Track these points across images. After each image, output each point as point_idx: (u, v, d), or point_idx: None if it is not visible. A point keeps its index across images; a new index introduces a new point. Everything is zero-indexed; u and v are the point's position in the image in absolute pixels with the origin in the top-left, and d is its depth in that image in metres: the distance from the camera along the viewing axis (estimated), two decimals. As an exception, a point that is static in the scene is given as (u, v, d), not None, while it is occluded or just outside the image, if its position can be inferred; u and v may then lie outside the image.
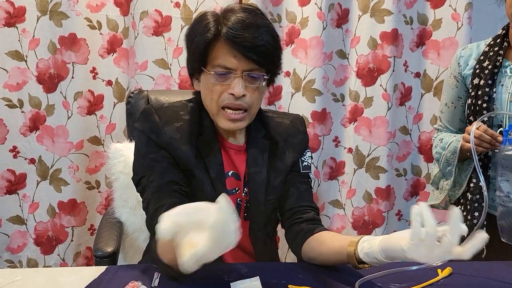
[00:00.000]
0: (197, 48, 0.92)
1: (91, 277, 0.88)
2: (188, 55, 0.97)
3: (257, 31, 0.90)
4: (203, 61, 0.93)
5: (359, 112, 2.01)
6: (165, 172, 0.95)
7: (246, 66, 0.92)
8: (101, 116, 1.92)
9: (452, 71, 1.42)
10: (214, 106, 0.95)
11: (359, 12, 1.96)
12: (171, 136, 0.96)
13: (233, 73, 0.92)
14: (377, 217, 2.05)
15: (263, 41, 0.91)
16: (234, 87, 0.92)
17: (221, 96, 0.93)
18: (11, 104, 1.83)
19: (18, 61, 1.81)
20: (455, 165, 1.35)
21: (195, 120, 1.00)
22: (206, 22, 0.93)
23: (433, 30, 1.99)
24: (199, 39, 0.92)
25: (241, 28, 0.89)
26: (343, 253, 0.84)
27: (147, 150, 0.96)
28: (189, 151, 0.96)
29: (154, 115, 0.97)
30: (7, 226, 1.90)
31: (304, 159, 1.09)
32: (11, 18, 1.78)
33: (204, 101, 0.99)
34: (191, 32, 0.96)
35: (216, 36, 0.91)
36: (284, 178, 1.06)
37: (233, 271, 0.91)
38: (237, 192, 1.03)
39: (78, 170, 1.92)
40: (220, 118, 0.96)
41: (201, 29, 0.93)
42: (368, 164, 2.04)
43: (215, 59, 0.92)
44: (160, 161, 0.95)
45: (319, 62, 1.95)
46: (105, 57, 1.88)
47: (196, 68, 0.96)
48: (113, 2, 1.85)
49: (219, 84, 0.93)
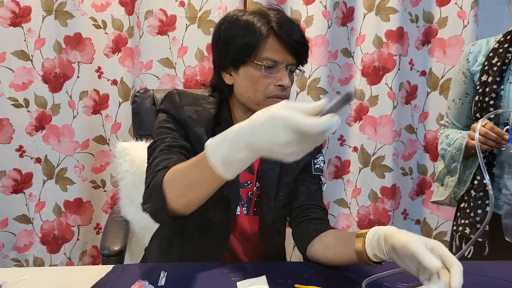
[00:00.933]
0: (246, 44, 0.96)
1: (97, 276, 0.88)
2: (225, 50, 0.99)
3: (298, 29, 0.99)
4: (249, 55, 0.96)
5: (364, 111, 2.01)
6: (179, 139, 0.98)
7: (290, 60, 0.98)
8: (107, 115, 1.93)
9: (460, 67, 1.41)
10: (259, 96, 0.98)
11: (364, 11, 1.95)
12: (189, 115, 1.01)
13: (280, 66, 0.97)
14: (382, 216, 2.05)
15: (305, 38, 0.99)
16: (282, 79, 0.97)
17: (268, 87, 0.98)
18: (17, 104, 1.84)
19: (23, 61, 1.82)
20: (460, 162, 1.35)
21: (214, 110, 1.04)
22: (250, 22, 0.96)
23: (439, 28, 1.98)
24: (250, 37, 0.95)
25: (289, 25, 0.97)
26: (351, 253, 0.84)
27: (165, 121, 1.01)
28: (203, 132, 1.00)
29: (176, 97, 1.03)
30: (14, 225, 1.91)
31: (316, 161, 1.12)
32: (16, 18, 1.79)
33: (243, 92, 1.00)
34: (230, 30, 0.98)
35: (268, 32, 0.95)
36: (296, 177, 1.08)
37: (239, 270, 0.91)
38: (249, 186, 1.06)
39: (84, 169, 1.93)
40: (266, 107, 0.98)
41: (249, 27, 0.96)
42: (373, 163, 2.03)
43: (263, 52, 0.96)
44: (175, 131, 0.99)
45: (324, 60, 1.94)
46: (110, 56, 1.89)
47: (237, 61, 0.98)
48: (118, 2, 1.86)
49: (267, 76, 0.97)
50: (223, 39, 0.99)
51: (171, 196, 0.79)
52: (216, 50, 1.03)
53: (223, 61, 1.01)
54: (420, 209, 2.12)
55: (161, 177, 0.82)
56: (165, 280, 0.86)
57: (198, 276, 0.89)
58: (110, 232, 1.33)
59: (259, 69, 0.97)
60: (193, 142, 1.00)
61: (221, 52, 1.01)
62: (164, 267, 0.90)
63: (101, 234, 1.88)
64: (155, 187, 0.82)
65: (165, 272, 0.88)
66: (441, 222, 2.08)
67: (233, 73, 1.01)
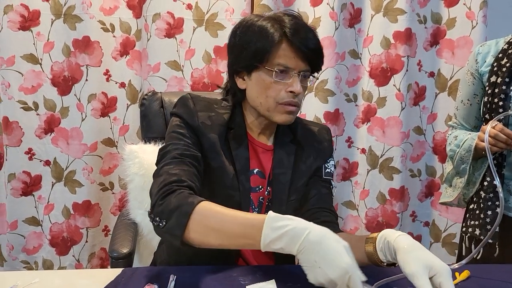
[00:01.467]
0: (259, 50, 0.96)
1: (107, 279, 0.88)
2: (239, 55, 1.00)
3: (313, 34, 0.98)
4: (261, 60, 0.97)
5: (372, 112, 2.00)
6: (190, 147, 0.98)
7: (302, 67, 0.98)
8: (115, 118, 1.94)
9: (469, 68, 1.40)
10: (271, 102, 0.99)
11: (372, 12, 1.95)
12: (203, 121, 1.01)
13: (292, 72, 0.97)
14: (391, 218, 2.03)
15: (319, 45, 0.99)
16: (294, 85, 0.97)
17: (280, 93, 0.98)
18: (27, 107, 1.85)
19: (33, 64, 1.84)
20: (469, 164, 1.34)
21: (227, 115, 1.04)
22: (263, 27, 0.97)
23: (447, 29, 1.96)
24: (263, 42, 0.95)
25: (303, 31, 0.96)
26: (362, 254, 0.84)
27: (179, 126, 1.01)
28: (216, 139, 1.00)
29: (190, 102, 1.03)
30: (23, 227, 1.93)
31: (327, 166, 1.12)
32: (25, 21, 1.81)
33: (254, 97, 1.01)
34: (245, 35, 0.99)
35: (281, 38, 0.95)
36: (307, 181, 1.08)
37: (248, 274, 0.90)
38: (260, 190, 1.06)
39: (92, 171, 1.94)
40: (277, 113, 1.00)
41: (263, 33, 0.96)
42: (381, 165, 2.02)
43: (275, 58, 0.96)
44: (188, 137, 0.99)
45: (332, 62, 1.94)
46: (118, 59, 1.90)
47: (250, 66, 0.99)
48: (126, 5, 1.87)
49: (278, 82, 0.97)
50: (238, 44, 1.00)
51: (194, 230, 0.79)
52: (231, 54, 1.04)
53: (236, 66, 1.02)
54: (429, 211, 2.11)
55: (190, 204, 0.81)
56: (174, 283, 0.86)
57: (207, 279, 0.89)
58: (119, 234, 1.33)
59: (270, 74, 0.97)
60: (206, 148, 1.00)
61: (235, 56, 1.02)
62: (173, 270, 0.90)
63: (109, 236, 1.90)
64: (180, 213, 0.80)
65: (174, 276, 0.88)
66: (450, 224, 2.07)
67: (246, 77, 1.02)
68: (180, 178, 0.88)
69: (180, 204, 0.82)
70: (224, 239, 0.78)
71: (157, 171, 0.94)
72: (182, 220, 0.80)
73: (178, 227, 0.80)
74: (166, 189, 0.86)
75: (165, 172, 0.91)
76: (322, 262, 0.70)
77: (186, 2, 1.88)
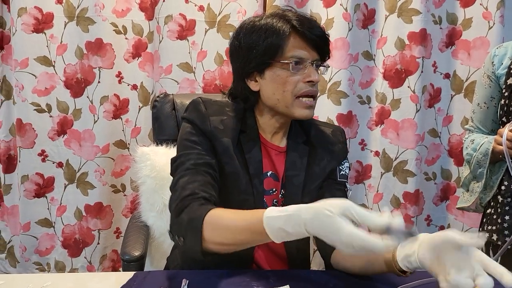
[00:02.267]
0: (270, 45, 0.95)
1: (119, 282, 0.88)
2: (248, 56, 0.99)
3: (317, 24, 0.99)
4: (274, 56, 0.96)
5: (386, 115, 1.97)
6: (204, 155, 0.97)
7: (314, 56, 0.99)
8: (127, 120, 1.94)
9: (485, 70, 1.37)
10: (289, 96, 0.98)
11: (386, 12, 1.92)
12: (215, 126, 0.99)
13: (307, 63, 0.98)
14: (405, 222, 2.00)
15: (325, 33, 0.99)
16: (311, 74, 0.97)
17: (297, 85, 0.97)
18: (40, 109, 1.86)
19: (46, 67, 1.85)
20: (486, 167, 1.32)
21: (239, 118, 1.03)
22: (269, 24, 0.96)
23: (463, 29, 1.93)
24: (273, 38, 0.95)
25: (309, 23, 0.97)
26: (380, 262, 0.82)
27: (190, 133, 1.00)
28: (229, 143, 0.99)
29: (202, 106, 1.01)
30: (36, 229, 1.93)
31: (341, 168, 1.10)
32: (39, 24, 1.82)
33: (270, 95, 1.00)
34: (250, 36, 0.98)
35: (290, 31, 0.96)
36: (321, 183, 1.07)
37: (262, 279, 0.89)
38: (274, 193, 1.04)
39: (104, 173, 1.94)
40: (296, 108, 0.99)
41: (270, 30, 0.96)
42: (395, 168, 1.99)
43: (289, 51, 0.96)
44: (201, 144, 0.98)
45: (345, 63, 1.92)
46: (130, 61, 1.90)
47: (262, 64, 0.98)
48: (138, 7, 1.87)
49: (295, 73, 0.97)
50: (244, 46, 0.99)
51: (210, 239, 0.81)
52: (237, 59, 1.02)
53: (247, 68, 1.00)
54: (445, 215, 2.07)
55: (199, 217, 0.82)
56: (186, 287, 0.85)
57: (220, 284, 0.87)
58: (130, 237, 1.33)
59: (286, 68, 0.96)
60: (220, 152, 0.99)
61: (243, 59, 1.00)
62: (186, 274, 0.89)
63: (121, 238, 1.90)
64: (192, 228, 0.82)
65: (186, 280, 0.87)
66: (466, 229, 2.03)
67: (258, 78, 1.00)
68: (193, 191, 0.89)
69: (190, 219, 0.84)
70: (237, 240, 0.79)
71: (173, 185, 0.94)
72: (196, 234, 0.81)
73: (195, 243, 0.82)
74: (179, 206, 0.87)
75: (180, 187, 0.91)
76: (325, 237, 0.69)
77: (198, 4, 1.88)
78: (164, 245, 1.39)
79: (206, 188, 0.91)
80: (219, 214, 0.83)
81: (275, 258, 1.05)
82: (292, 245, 1.03)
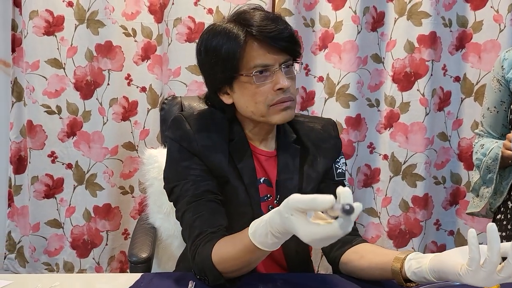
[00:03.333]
0: (228, 57, 0.90)
1: (126, 283, 0.89)
2: (212, 70, 0.95)
3: (281, 22, 0.92)
4: (236, 68, 0.91)
5: (395, 118, 1.96)
6: (200, 181, 0.94)
7: (282, 58, 0.92)
8: (135, 122, 1.95)
9: (495, 74, 1.36)
10: (262, 107, 0.93)
11: (395, 15, 1.91)
12: (203, 144, 0.95)
13: (273, 69, 0.91)
14: (414, 226, 1.99)
15: (289, 30, 0.92)
16: (279, 81, 0.91)
17: (268, 96, 0.92)
18: (50, 111, 1.88)
19: (56, 69, 1.87)
20: (496, 173, 1.30)
21: (225, 126, 0.99)
22: (227, 30, 0.91)
23: (474, 32, 1.91)
24: (228, 47, 0.90)
25: (270, 23, 0.90)
26: (387, 269, 0.82)
27: (180, 157, 0.96)
28: (221, 158, 0.96)
29: (185, 123, 0.97)
30: (45, 229, 1.95)
31: (338, 166, 1.06)
32: (50, 27, 1.84)
33: (244, 108, 0.96)
34: (212, 46, 0.93)
35: (246, 38, 0.90)
36: (317, 186, 1.03)
37: (268, 282, 0.89)
38: (269, 199, 1.02)
39: (113, 175, 1.95)
40: (272, 115, 0.94)
41: (225, 38, 0.91)
42: (404, 172, 1.97)
43: (249, 61, 0.91)
44: (193, 169, 0.95)
45: (354, 66, 1.91)
46: (140, 64, 1.91)
47: (227, 79, 0.93)
48: (147, 10, 1.88)
49: (262, 84, 0.92)
50: (205, 61, 0.95)
51: (224, 271, 0.84)
52: (203, 70, 0.98)
53: (214, 83, 0.96)
54: (454, 219, 2.05)
55: (207, 257, 0.85)
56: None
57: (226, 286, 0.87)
58: (138, 239, 1.33)
59: (251, 80, 0.91)
60: (213, 169, 0.96)
61: (209, 74, 0.96)
62: (192, 276, 0.90)
63: (129, 240, 1.90)
64: (207, 268, 0.85)
65: (193, 282, 0.87)
66: (476, 234, 2.00)
67: (229, 91, 0.96)
68: (201, 230, 0.89)
69: (202, 261, 0.86)
70: (245, 262, 0.83)
71: (179, 218, 0.95)
72: (213, 272, 0.85)
73: (216, 278, 0.85)
74: (192, 249, 0.89)
75: (188, 226, 0.92)
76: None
77: (207, 7, 1.88)
78: (171, 247, 1.39)
79: (211, 220, 0.90)
80: (220, 247, 0.85)
81: (272, 263, 1.03)
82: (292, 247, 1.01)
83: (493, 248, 0.67)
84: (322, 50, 1.94)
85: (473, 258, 0.68)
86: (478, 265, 0.68)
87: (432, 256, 0.76)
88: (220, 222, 0.91)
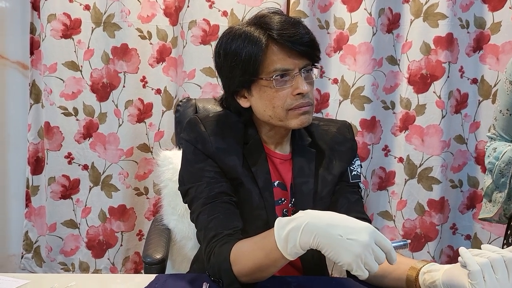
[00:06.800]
0: (249, 61, 0.90)
1: (141, 284, 0.89)
2: (230, 74, 0.94)
3: (301, 27, 0.92)
4: (256, 72, 0.91)
5: (411, 120, 1.94)
6: (214, 183, 0.94)
7: (301, 63, 0.92)
8: (150, 124, 1.96)
9: (507, 76, 1.34)
10: (280, 111, 0.93)
11: (411, 17, 1.89)
12: (217, 146, 0.96)
13: (293, 73, 0.91)
14: (430, 230, 1.96)
15: (310, 34, 0.93)
16: (299, 86, 0.91)
17: (287, 100, 0.92)
18: (67, 113, 1.91)
19: (73, 71, 1.89)
20: (509, 177, 1.28)
21: (240, 129, 0.99)
22: (248, 34, 0.91)
23: (492, 34, 1.88)
24: (249, 51, 0.90)
25: (290, 27, 0.90)
26: (401, 279, 0.83)
27: (194, 159, 0.96)
28: (236, 160, 0.96)
29: (200, 125, 0.98)
30: (61, 229, 1.98)
31: (353, 168, 1.05)
32: (67, 30, 1.87)
33: (262, 112, 0.95)
34: (232, 49, 0.93)
35: (267, 42, 0.90)
36: (333, 189, 1.03)
37: (283, 285, 0.88)
38: (283, 203, 1.01)
39: (128, 176, 1.97)
40: (291, 120, 0.94)
41: (246, 41, 0.91)
42: (420, 175, 1.95)
43: (269, 65, 0.91)
44: (208, 171, 0.95)
45: (369, 68, 1.90)
46: (155, 66, 1.93)
47: (246, 82, 0.93)
48: (163, 13, 1.90)
49: (282, 88, 0.91)
50: (225, 64, 0.95)
51: (240, 275, 0.84)
52: (221, 73, 0.98)
53: (232, 86, 0.96)
54: (471, 223, 2.02)
55: (225, 259, 0.85)
56: (207, 291, 0.85)
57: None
58: (152, 240, 1.34)
59: (270, 84, 0.91)
60: (226, 171, 0.96)
61: (227, 77, 0.96)
62: (206, 278, 0.90)
63: (143, 241, 1.92)
64: (223, 270, 0.85)
65: (207, 284, 0.87)
66: (494, 238, 1.97)
67: (247, 94, 0.96)
68: (217, 231, 0.89)
69: (218, 262, 0.86)
70: (261, 267, 0.82)
71: (194, 220, 0.95)
72: (229, 275, 0.84)
73: (232, 281, 0.85)
74: (207, 250, 0.89)
75: (204, 227, 0.92)
76: (330, 251, 0.74)
77: (221, 10, 1.89)
78: (185, 248, 1.39)
79: (227, 222, 0.90)
80: (239, 249, 0.85)
81: (287, 264, 1.03)
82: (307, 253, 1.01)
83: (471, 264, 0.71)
84: (337, 52, 1.93)
85: (473, 272, 0.70)
86: (480, 277, 0.69)
87: (444, 270, 0.76)
88: (235, 223, 0.91)
